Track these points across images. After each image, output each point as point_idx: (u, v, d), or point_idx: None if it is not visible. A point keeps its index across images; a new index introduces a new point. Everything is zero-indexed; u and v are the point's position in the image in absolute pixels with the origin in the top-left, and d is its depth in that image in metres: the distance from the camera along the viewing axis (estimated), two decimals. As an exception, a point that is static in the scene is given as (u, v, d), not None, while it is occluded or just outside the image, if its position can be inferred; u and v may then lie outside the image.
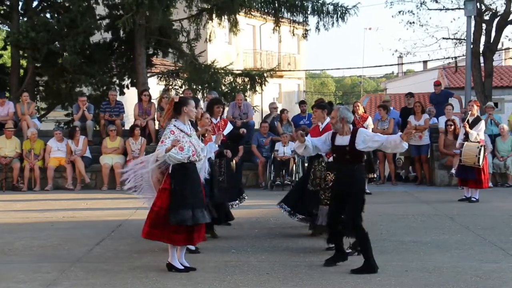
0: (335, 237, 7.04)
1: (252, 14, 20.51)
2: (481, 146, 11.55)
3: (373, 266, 6.60)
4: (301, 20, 19.05)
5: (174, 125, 6.75)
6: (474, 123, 11.75)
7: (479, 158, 11.41)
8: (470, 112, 11.81)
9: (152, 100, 16.23)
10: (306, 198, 8.36)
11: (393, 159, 15.01)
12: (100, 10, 18.57)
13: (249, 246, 7.98)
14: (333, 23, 18.22)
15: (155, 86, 21.80)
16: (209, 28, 19.01)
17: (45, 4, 18.76)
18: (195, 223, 6.68)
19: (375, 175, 13.84)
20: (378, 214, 10.38)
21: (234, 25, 18.30)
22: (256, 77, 18.85)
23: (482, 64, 20.45)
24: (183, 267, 6.74)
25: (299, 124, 15.09)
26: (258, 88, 18.96)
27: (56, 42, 16.89)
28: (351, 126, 6.97)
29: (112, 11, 18.33)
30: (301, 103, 16.79)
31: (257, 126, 16.40)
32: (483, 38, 20.30)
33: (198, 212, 6.68)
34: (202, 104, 9.38)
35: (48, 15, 18.60)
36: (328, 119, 8.01)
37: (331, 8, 18.14)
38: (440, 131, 14.61)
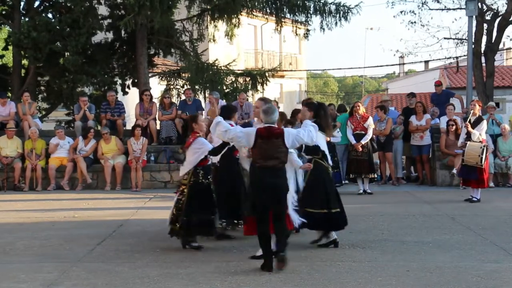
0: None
1: (253, 14, 20.43)
2: (484, 146, 11.55)
3: None
4: (303, 20, 19.01)
5: None
6: (476, 123, 11.73)
7: (481, 158, 11.39)
8: (472, 112, 11.79)
9: (153, 100, 16.22)
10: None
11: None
12: (101, 9, 18.55)
13: (250, 245, 7.93)
14: (336, 22, 18.13)
15: (156, 86, 21.77)
16: (211, 28, 18.97)
17: (47, 4, 18.75)
18: None
19: (376, 175, 13.84)
20: (379, 214, 10.39)
21: (236, 26, 18.24)
22: (258, 77, 18.79)
23: (484, 64, 20.42)
24: None
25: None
26: (259, 87, 18.93)
27: (58, 42, 16.87)
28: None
29: (114, 11, 18.30)
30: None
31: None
32: (484, 38, 20.25)
33: None
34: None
35: (49, 15, 18.59)
36: None
37: (333, 7, 18.05)
38: (442, 131, 14.58)
